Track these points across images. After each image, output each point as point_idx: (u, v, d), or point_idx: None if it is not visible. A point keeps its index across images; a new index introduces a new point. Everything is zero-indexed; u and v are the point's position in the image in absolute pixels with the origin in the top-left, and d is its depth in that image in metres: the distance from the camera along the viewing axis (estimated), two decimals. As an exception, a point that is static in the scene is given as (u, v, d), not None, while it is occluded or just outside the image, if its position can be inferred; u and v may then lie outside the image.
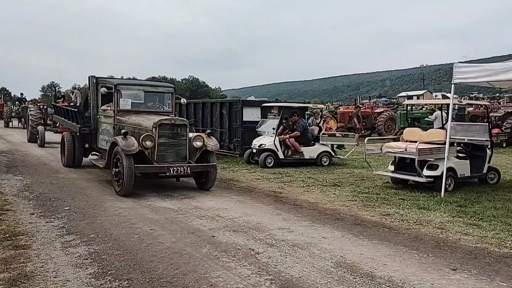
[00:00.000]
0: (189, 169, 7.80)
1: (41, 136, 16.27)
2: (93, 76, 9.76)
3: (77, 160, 10.90)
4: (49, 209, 6.60)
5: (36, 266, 4.28)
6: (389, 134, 21.99)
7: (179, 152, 7.97)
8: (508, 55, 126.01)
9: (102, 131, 9.52)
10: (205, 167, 8.17)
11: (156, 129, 7.72)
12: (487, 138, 9.26)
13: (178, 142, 7.96)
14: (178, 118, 8.57)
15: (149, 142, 7.59)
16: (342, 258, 4.66)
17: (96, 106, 9.70)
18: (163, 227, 5.73)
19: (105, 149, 8.81)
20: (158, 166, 7.66)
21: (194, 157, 8.20)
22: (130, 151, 7.37)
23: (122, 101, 8.97)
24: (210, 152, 8.34)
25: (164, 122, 7.84)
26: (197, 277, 4.04)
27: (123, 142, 7.42)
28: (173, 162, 7.82)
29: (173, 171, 7.62)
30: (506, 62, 7.38)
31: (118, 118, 8.77)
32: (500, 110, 21.00)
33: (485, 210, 6.87)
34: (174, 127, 7.91)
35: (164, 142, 7.81)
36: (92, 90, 9.70)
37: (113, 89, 8.91)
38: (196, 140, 8.16)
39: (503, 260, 4.68)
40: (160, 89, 9.74)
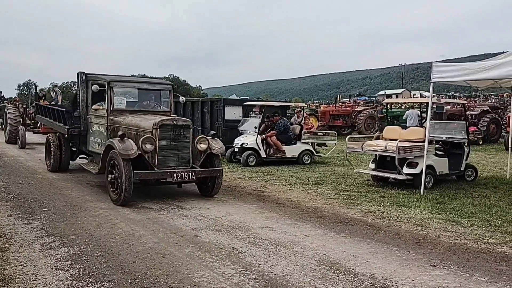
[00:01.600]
0: (194, 174, 7.11)
1: (22, 137, 15.46)
2: (82, 72, 8.96)
3: (63, 164, 10.13)
4: (27, 211, 6.47)
5: (14, 269, 4.19)
6: (369, 132, 22.24)
7: (182, 156, 7.27)
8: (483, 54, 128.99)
9: (93, 133, 8.68)
10: (211, 172, 7.44)
11: (157, 130, 7.01)
12: (465, 136, 9.45)
13: (181, 144, 7.26)
14: (181, 118, 7.74)
15: (149, 145, 6.87)
16: (325, 256, 4.69)
17: (86, 105, 8.87)
18: (145, 228, 5.67)
19: (97, 153, 8.27)
20: (160, 172, 6.94)
21: (197, 161, 7.48)
22: (129, 155, 6.63)
23: (116, 99, 8.24)
24: (215, 156, 7.63)
25: (166, 122, 7.12)
26: (181, 277, 4.02)
27: (120, 146, 6.70)
28: (175, 167, 7.13)
29: (177, 177, 6.92)
30: (482, 62, 7.54)
31: (112, 118, 7.98)
32: (476, 108, 21.49)
33: (463, 206, 7.02)
34: (176, 128, 7.21)
35: (165, 145, 7.10)
36: (82, 88, 8.89)
37: (105, 86, 8.07)
38: (200, 142, 7.46)
39: (481, 256, 4.79)
40: (157, 86, 8.96)
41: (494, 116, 20.02)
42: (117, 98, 8.24)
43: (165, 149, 7.11)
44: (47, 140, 10.37)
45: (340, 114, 25.56)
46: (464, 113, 12.00)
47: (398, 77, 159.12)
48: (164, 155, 7.11)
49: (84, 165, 8.75)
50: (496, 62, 7.19)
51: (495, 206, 7.05)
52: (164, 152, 7.10)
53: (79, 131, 9.07)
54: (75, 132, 9.14)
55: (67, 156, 10.11)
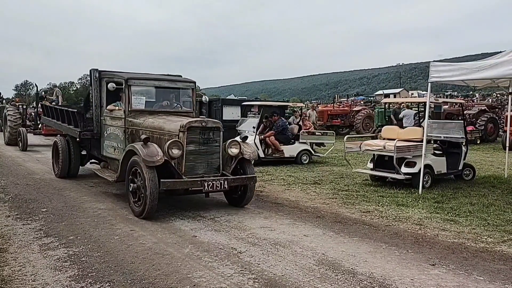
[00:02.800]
0: (226, 183, 6.33)
1: (24, 138, 14.83)
2: (95, 69, 8.07)
3: (73, 170, 9.32)
4: (26, 211, 6.46)
5: (13, 269, 4.19)
6: (367, 132, 22.27)
7: (211, 162, 6.51)
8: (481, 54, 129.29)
9: (107, 136, 7.89)
10: (244, 180, 6.67)
11: (184, 133, 6.24)
12: (462, 135, 9.47)
13: (210, 149, 6.50)
14: (210, 119, 6.87)
15: (176, 150, 6.13)
16: (323, 255, 4.70)
17: (100, 106, 8.05)
18: (144, 228, 5.67)
19: (112, 158, 7.68)
20: (189, 181, 6.15)
21: (228, 168, 6.76)
22: (154, 162, 5.92)
23: (135, 99, 7.44)
24: (247, 161, 6.92)
25: (194, 125, 6.35)
26: (180, 278, 4.02)
27: (144, 151, 5.99)
28: (204, 174, 6.41)
29: (208, 187, 6.16)
30: (480, 61, 7.55)
31: (130, 120, 7.24)
32: (474, 108, 21.54)
33: (461, 206, 7.04)
34: (205, 131, 6.44)
35: (194, 149, 6.35)
36: (95, 87, 8.01)
37: (123, 84, 7.34)
38: (231, 146, 6.74)
39: (480, 255, 4.81)
40: (179, 84, 8.15)
41: (492, 115, 20.07)
42: (135, 97, 7.49)
43: (193, 154, 6.36)
44: (55, 144, 9.60)
45: (338, 113, 25.56)
46: (462, 113, 12.04)
47: (396, 77, 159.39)
48: (192, 161, 6.36)
49: (98, 172, 7.99)
50: (494, 61, 7.20)
51: (493, 205, 7.07)
52: (192, 158, 6.35)
53: (92, 134, 8.23)
54: (88, 135, 8.31)
55: (76, 161, 9.32)
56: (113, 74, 7.89)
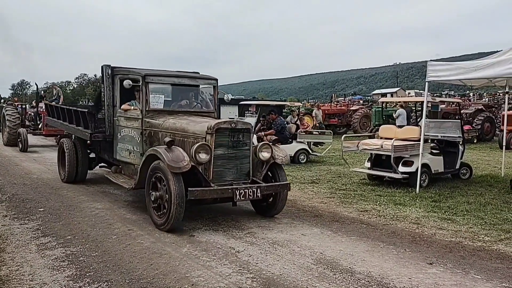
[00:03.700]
0: (259, 191, 5.71)
1: (24, 139, 14.35)
2: (107, 65, 7.40)
3: (80, 174, 8.67)
4: (23, 211, 6.44)
5: (11, 269, 4.17)
6: (365, 131, 22.31)
7: (240, 167, 5.89)
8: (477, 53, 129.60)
9: (121, 138, 7.20)
10: (278, 188, 6.06)
11: (212, 136, 5.63)
12: (460, 134, 9.51)
13: (240, 153, 5.88)
14: (239, 120, 6.27)
15: (204, 155, 5.53)
16: (321, 254, 4.71)
17: (113, 105, 7.37)
18: (142, 227, 5.67)
19: (127, 162, 7.11)
20: (220, 189, 5.52)
21: (258, 173, 6.15)
22: (180, 168, 5.32)
23: (153, 97, 6.85)
24: (278, 166, 6.32)
25: (223, 126, 5.73)
26: (178, 277, 4.02)
27: (168, 155, 5.39)
28: (233, 181, 5.80)
29: (240, 195, 5.55)
30: (477, 61, 7.58)
31: (148, 121, 6.61)
32: (471, 107, 21.61)
33: (459, 204, 7.06)
34: (234, 133, 5.82)
35: (222, 154, 5.72)
36: (107, 84, 7.34)
37: (140, 81, 6.72)
38: (262, 150, 6.14)
39: (477, 253, 4.83)
40: (200, 81, 7.50)
41: (489, 114, 20.14)
42: (153, 96, 6.88)
43: (221, 159, 5.73)
44: (60, 146, 8.96)
45: (336, 113, 25.60)
46: (459, 112, 12.07)
47: (393, 76, 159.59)
48: (220, 166, 5.73)
49: (111, 177, 7.29)
50: (491, 61, 7.24)
51: (490, 204, 7.10)
52: (220, 163, 5.72)
53: (104, 136, 7.52)
54: (100, 137, 7.59)
55: (84, 164, 8.68)
56: (128, 70, 7.23)
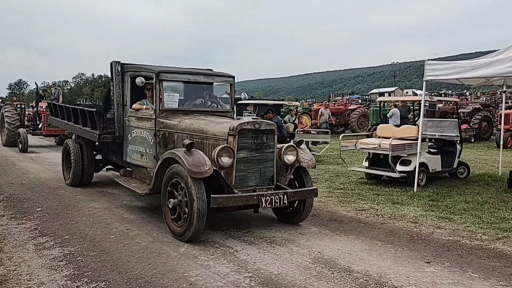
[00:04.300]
0: (285, 197, 5.27)
1: (24, 140, 14.15)
2: (117, 62, 7.02)
3: (86, 177, 8.26)
4: (20, 211, 6.43)
5: (8, 269, 4.16)
6: (362, 131, 22.34)
7: (264, 172, 5.46)
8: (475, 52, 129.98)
9: (132, 140, 6.79)
10: (305, 194, 5.61)
11: (235, 137, 5.20)
12: (457, 133, 9.53)
13: (264, 156, 5.44)
14: (263, 121, 5.75)
15: (227, 158, 5.10)
16: (319, 253, 4.71)
17: (122, 104, 7.00)
18: (140, 227, 5.66)
19: (139, 165, 6.70)
20: (245, 196, 5.09)
21: (283, 178, 5.70)
22: (202, 172, 4.89)
23: (167, 96, 6.49)
24: (303, 170, 5.88)
25: (246, 127, 5.30)
26: (176, 277, 4.02)
27: (188, 159, 4.97)
28: (256, 186, 5.38)
29: (266, 203, 5.11)
30: (474, 60, 7.60)
31: (162, 121, 6.19)
32: (468, 106, 21.65)
33: (456, 203, 7.08)
34: (258, 135, 5.38)
35: (245, 157, 5.30)
36: (117, 82, 6.96)
37: (153, 79, 6.31)
38: (287, 152, 5.66)
39: (474, 252, 4.84)
40: (216, 79, 7.14)
41: (486, 113, 20.19)
42: (167, 94, 6.52)
43: (244, 162, 5.31)
44: (65, 147, 8.55)
45: (334, 112, 25.61)
46: (456, 111, 12.09)
47: (391, 76, 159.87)
48: (243, 170, 5.31)
49: (122, 182, 6.77)
50: (488, 60, 7.25)
51: (487, 203, 7.11)
52: (243, 167, 5.30)
53: (113, 138, 7.13)
54: (109, 138, 7.18)
55: (90, 167, 8.26)
56: (140, 67, 6.85)
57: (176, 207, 5.20)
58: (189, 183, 4.91)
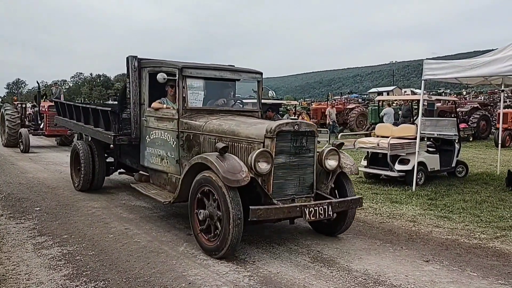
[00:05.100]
0: (330, 208, 4.67)
1: (25, 140, 13.90)
2: (133, 56, 6.45)
3: (97, 181, 7.72)
4: (19, 210, 6.41)
5: (7, 269, 4.16)
6: (361, 130, 22.36)
7: (303, 179, 4.87)
8: (473, 52, 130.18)
9: (151, 142, 6.21)
10: (351, 204, 4.99)
11: (273, 140, 4.59)
12: (455, 132, 9.54)
13: (303, 161, 4.85)
14: (302, 121, 5.19)
15: (264, 164, 4.51)
16: (318, 253, 4.72)
17: (139, 103, 6.46)
18: (138, 226, 5.66)
19: (158, 170, 6.14)
20: (287, 208, 4.50)
21: (323, 185, 5.09)
22: (239, 181, 4.32)
23: (191, 94, 5.96)
24: (344, 176, 5.26)
25: (285, 128, 4.68)
26: (175, 276, 4.02)
27: (223, 165, 4.41)
28: (295, 195, 4.81)
29: (310, 215, 4.55)
30: (473, 59, 7.61)
31: (186, 122, 5.62)
32: (466, 105, 21.68)
33: (455, 202, 7.09)
34: (297, 137, 4.78)
35: (283, 162, 4.71)
36: (133, 79, 6.42)
37: (176, 75, 5.73)
38: (329, 157, 5.06)
39: (473, 251, 4.85)
40: (243, 75, 6.46)
41: (484, 113, 20.22)
42: (191, 92, 5.99)
43: (283, 168, 4.72)
44: (74, 149, 8.02)
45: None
46: (454, 110, 12.11)
47: (389, 75, 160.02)
48: (281, 178, 4.72)
49: (140, 188, 6.20)
50: (487, 59, 7.27)
51: (485, 201, 7.13)
52: (281, 173, 4.71)
53: (130, 139, 6.55)
54: (125, 140, 6.60)
55: (101, 170, 7.71)
56: (160, 62, 6.25)
57: (207, 219, 4.63)
58: (223, 193, 4.34)
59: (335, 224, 5.24)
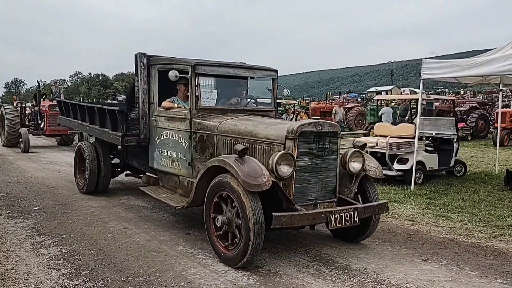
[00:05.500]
0: (356, 214, 4.41)
1: (25, 140, 13.73)
2: (142, 53, 6.20)
3: (102, 183, 7.44)
4: (18, 210, 6.41)
5: (6, 268, 4.16)
6: (360, 129, 22.38)
7: (325, 182, 4.61)
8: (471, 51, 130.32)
9: (161, 143, 5.95)
10: (377, 210, 4.70)
11: (295, 142, 4.34)
12: (454, 132, 9.56)
13: (326, 164, 4.59)
14: (325, 121, 4.81)
15: (286, 167, 4.26)
16: (317, 252, 4.73)
17: (148, 102, 6.21)
18: (137, 225, 5.66)
19: (169, 173, 5.87)
20: (311, 214, 4.23)
21: (346, 189, 4.83)
22: (260, 185, 4.04)
23: (204, 93, 5.70)
24: (368, 180, 5.01)
25: (308, 129, 4.41)
26: (174, 275, 4.02)
27: (243, 169, 4.13)
28: (317, 199, 4.55)
29: (335, 221, 4.29)
30: (471, 59, 7.62)
31: (200, 122, 5.36)
32: (465, 104, 21.71)
33: (453, 201, 7.10)
34: (320, 138, 4.52)
35: (306, 165, 4.45)
36: (142, 77, 6.16)
37: (189, 72, 5.46)
38: (353, 159, 4.79)
39: (471, 250, 4.86)
40: (258, 73, 6.20)
41: (483, 112, 20.24)
42: (204, 91, 5.72)
43: (305, 172, 4.46)
44: (78, 150, 7.73)
45: (330, 111, 25.65)
46: (453, 109, 12.12)
47: (388, 74, 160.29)
48: (303, 181, 4.46)
49: (150, 192, 5.89)
50: (485, 59, 7.27)
51: (484, 201, 7.14)
52: (303, 177, 4.45)
53: (138, 140, 6.30)
54: (133, 141, 6.32)
55: (107, 173, 7.43)
56: (170, 59, 6.06)
57: (225, 226, 4.35)
58: (243, 198, 4.06)
59: (358, 230, 4.87)
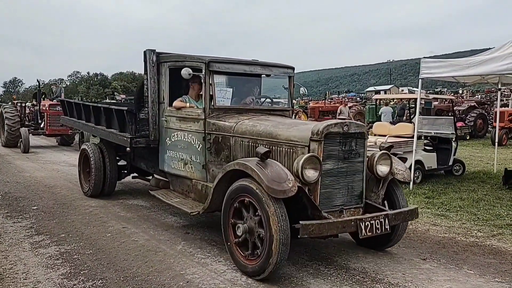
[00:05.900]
0: (387, 221, 4.12)
1: (25, 140, 13.59)
2: (152, 50, 5.85)
3: (108, 186, 7.13)
4: (16, 209, 6.40)
5: (4, 268, 4.15)
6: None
7: (352, 187, 4.33)
8: (470, 50, 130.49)
9: (172, 145, 5.65)
10: (407, 216, 4.41)
11: (320, 144, 4.05)
12: (453, 131, 9.57)
13: (352, 167, 4.32)
14: (352, 121, 4.52)
15: (312, 171, 3.98)
16: (316, 251, 4.73)
17: (158, 102, 5.88)
18: (136, 225, 5.65)
19: (182, 176, 5.57)
20: (341, 222, 3.92)
21: (373, 194, 4.56)
22: (285, 191, 3.74)
23: (219, 91, 5.40)
24: (395, 184, 4.70)
25: (334, 130, 4.13)
26: (173, 274, 4.02)
27: (266, 173, 3.82)
28: (343, 205, 4.28)
29: (366, 230, 3.98)
30: (470, 58, 7.63)
31: (214, 122, 5.07)
32: (463, 104, 21.73)
33: (452, 201, 7.11)
34: (346, 140, 4.24)
35: (331, 168, 4.18)
36: (151, 75, 5.82)
37: (203, 70, 5.16)
38: (380, 162, 4.53)
39: (470, 249, 4.87)
40: (274, 70, 5.87)
41: (481, 111, 20.27)
42: (219, 89, 5.42)
43: (331, 176, 4.19)
44: (83, 152, 7.41)
45: (330, 110, 25.65)
46: (452, 109, 12.14)
47: (386, 74, 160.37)
48: (328, 186, 4.19)
49: (162, 197, 5.61)
50: (484, 58, 7.28)
51: (482, 200, 7.15)
52: (329, 181, 4.18)
53: (147, 142, 5.96)
54: (142, 143, 5.98)
55: (113, 175, 7.13)
56: (181, 56, 5.67)
57: (245, 234, 4.03)
58: (267, 204, 3.75)
59: (383, 237, 4.53)
